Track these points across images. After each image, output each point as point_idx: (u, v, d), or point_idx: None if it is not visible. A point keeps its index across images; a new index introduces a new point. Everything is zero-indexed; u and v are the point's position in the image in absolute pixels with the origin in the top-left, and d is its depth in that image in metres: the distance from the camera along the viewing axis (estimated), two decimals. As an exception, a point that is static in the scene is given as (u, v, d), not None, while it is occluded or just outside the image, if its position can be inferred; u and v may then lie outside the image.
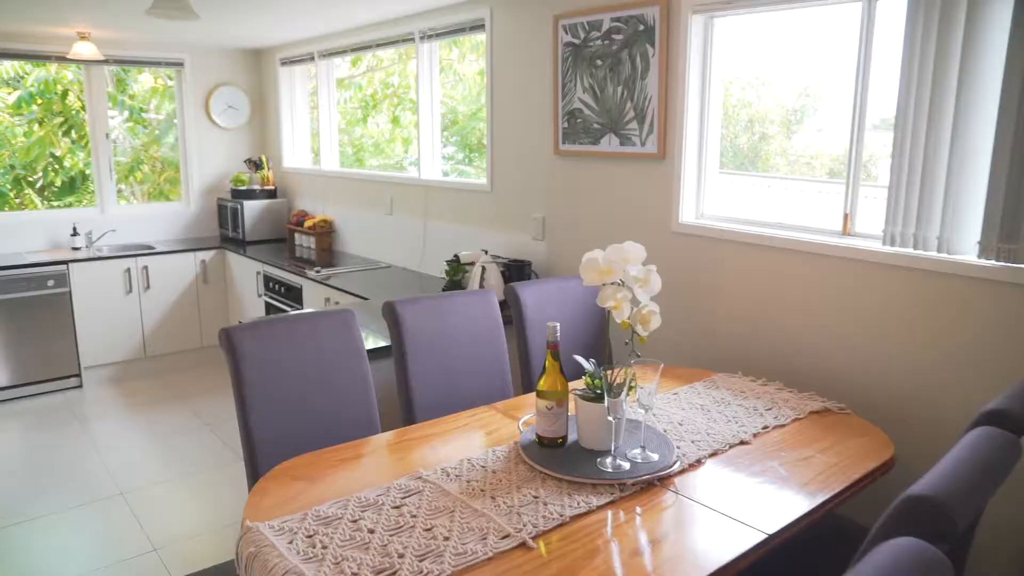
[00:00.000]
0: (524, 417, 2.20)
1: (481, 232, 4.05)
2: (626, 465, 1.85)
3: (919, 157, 2.22)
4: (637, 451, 1.91)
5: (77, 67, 5.83)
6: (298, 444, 2.14)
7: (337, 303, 4.11)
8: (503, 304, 2.81)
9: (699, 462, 1.94)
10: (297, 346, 2.22)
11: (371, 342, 2.90)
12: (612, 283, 1.72)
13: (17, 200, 6.79)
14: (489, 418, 2.24)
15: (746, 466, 1.91)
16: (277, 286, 4.86)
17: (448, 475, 1.83)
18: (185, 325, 5.62)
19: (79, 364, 5.20)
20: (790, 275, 2.68)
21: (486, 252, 3.61)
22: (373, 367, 2.55)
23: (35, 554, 3.21)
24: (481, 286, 3.45)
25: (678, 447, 2.00)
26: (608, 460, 1.85)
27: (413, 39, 4.40)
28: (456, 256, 3.63)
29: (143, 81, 7.05)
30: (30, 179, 6.77)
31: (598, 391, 1.88)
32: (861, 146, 2.52)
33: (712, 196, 3.08)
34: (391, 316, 2.45)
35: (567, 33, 3.39)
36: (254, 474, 2.10)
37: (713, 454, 1.98)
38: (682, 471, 1.88)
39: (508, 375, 2.68)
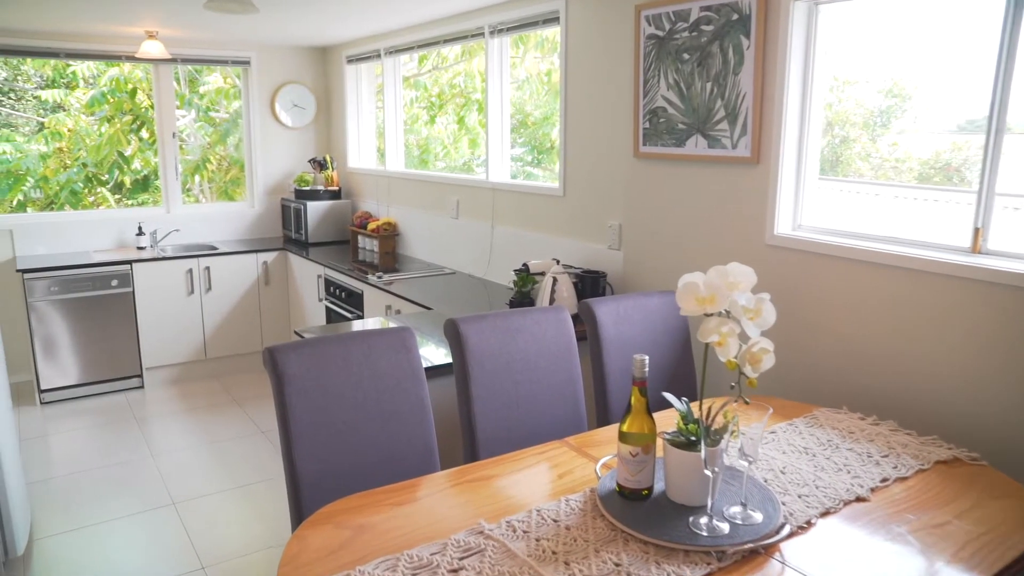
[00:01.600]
0: (603, 459, 1.93)
1: (552, 239, 3.79)
2: (724, 527, 1.56)
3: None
4: (737, 509, 1.63)
5: (146, 66, 5.80)
6: (347, 480, 1.92)
7: (399, 311, 3.91)
8: (575, 318, 2.55)
9: (809, 524, 1.64)
10: (349, 368, 2.00)
11: (431, 349, 2.68)
12: (715, 314, 1.44)
13: (91, 198, 6.86)
14: (561, 456, 1.99)
15: (867, 531, 1.61)
16: (338, 291, 4.70)
17: (514, 530, 1.58)
18: (246, 328, 5.52)
19: (141, 365, 5.15)
20: (906, 298, 2.34)
21: (557, 262, 3.35)
22: (432, 385, 2.32)
23: (83, 567, 3.10)
24: (552, 299, 3.19)
25: (783, 503, 1.70)
26: (703, 520, 1.57)
27: (482, 34, 4.17)
28: (525, 265, 3.38)
29: (213, 81, 7.04)
30: (101, 177, 6.82)
31: (692, 437, 1.60)
32: (999, 150, 2.16)
33: (811, 205, 2.76)
34: (454, 336, 2.21)
35: (650, 24, 3.10)
36: (297, 513, 1.89)
37: (825, 513, 1.68)
38: (790, 535, 1.58)
39: (582, 402, 2.42)
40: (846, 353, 2.53)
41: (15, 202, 6.60)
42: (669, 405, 1.72)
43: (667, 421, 2.04)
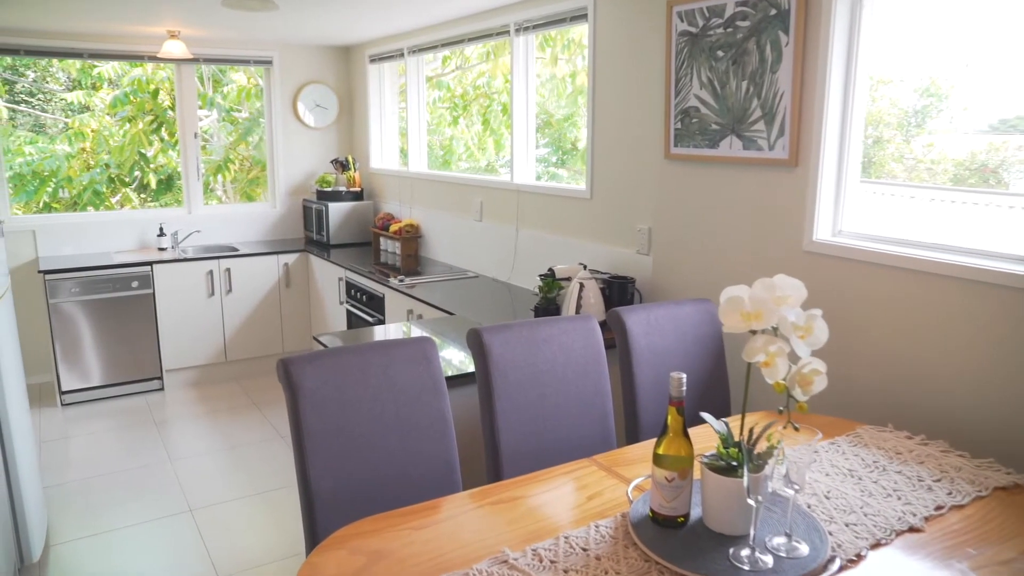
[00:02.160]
0: (635, 481, 1.82)
1: (578, 243, 3.68)
2: (768, 560, 1.44)
3: None
4: (781, 540, 1.51)
5: (169, 66, 5.77)
6: (364, 498, 1.82)
7: (420, 316, 3.81)
8: (602, 324, 2.43)
9: (859, 557, 1.51)
10: (367, 381, 1.90)
11: (453, 356, 2.58)
12: (762, 331, 1.33)
13: (116, 199, 6.85)
14: (589, 476, 1.87)
15: (925, 567, 1.48)
16: (359, 294, 4.62)
17: (540, 559, 1.47)
18: (266, 330, 5.46)
19: (161, 367, 5.11)
20: (957, 309, 2.20)
21: (584, 267, 3.24)
22: (454, 395, 2.22)
23: (98, 575, 3.05)
24: (578, 305, 3.08)
25: (830, 532, 1.58)
26: (745, 552, 1.46)
27: (508, 32, 4.07)
28: (551, 270, 3.27)
29: (237, 80, 7.01)
30: (123, 177, 6.81)
31: (733, 462, 1.49)
32: (1062, 153, 2.02)
33: (852, 210, 2.63)
34: (477, 346, 2.11)
35: (683, 21, 2.98)
36: (312, 531, 1.80)
37: (876, 545, 1.56)
38: (840, 569, 1.46)
39: (611, 417, 2.30)
40: (891, 368, 2.39)
41: (40, 203, 6.61)
42: (703, 420, 1.61)
43: (703, 437, 1.92)
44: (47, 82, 7.01)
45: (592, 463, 1.95)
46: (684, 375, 1.49)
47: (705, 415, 1.59)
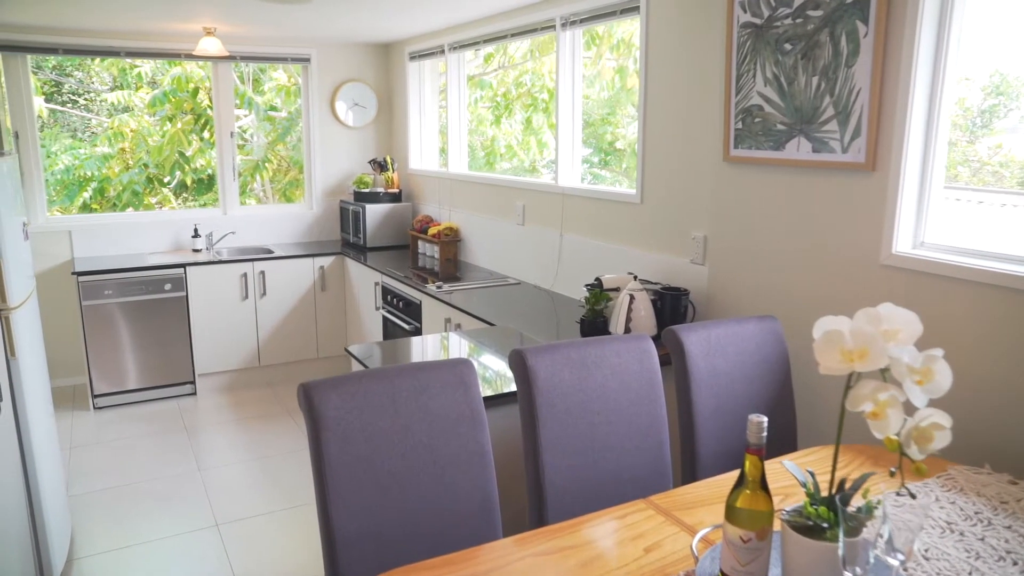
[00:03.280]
0: (701, 532, 1.59)
1: (627, 251, 3.45)
2: (867, 643, 1.21)
3: None
4: (880, 617, 1.27)
5: (207, 64, 5.67)
6: (392, 542, 1.63)
7: (459, 325, 3.62)
8: (654, 339, 2.20)
9: (975, 637, 1.27)
10: (397, 409, 1.71)
11: (491, 371, 2.37)
12: (865, 373, 1.10)
13: (154, 199, 6.80)
14: (647, 521, 1.65)
15: (1056, 654, 1.23)
16: (396, 299, 4.45)
17: (594, 632, 1.26)
18: (301, 335, 5.32)
19: (194, 371, 5.00)
20: (1067, 335, 1.93)
21: (635, 277, 3.01)
22: (491, 415, 2.02)
23: (117, 598, 2.91)
24: (628, 318, 2.86)
25: (936, 605, 1.34)
26: (839, 633, 1.23)
27: (553, 27, 3.85)
28: (598, 280, 3.04)
29: (277, 79, 6.91)
30: (161, 177, 6.75)
31: (823, 523, 1.26)
32: None
33: (936, 220, 2.36)
34: (521, 369, 1.90)
35: (745, 11, 2.73)
36: (334, 580, 1.61)
37: (992, 621, 1.31)
38: (953, 655, 1.22)
39: (666, 447, 2.08)
40: (983, 399, 2.12)
41: (79, 204, 6.59)
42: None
43: (774, 474, 1.69)
44: (92, 82, 7.00)
45: (648, 505, 1.73)
46: (765, 419, 1.26)
47: (787, 463, 1.36)
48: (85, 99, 7.07)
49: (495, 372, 2.59)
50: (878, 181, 2.37)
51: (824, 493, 1.31)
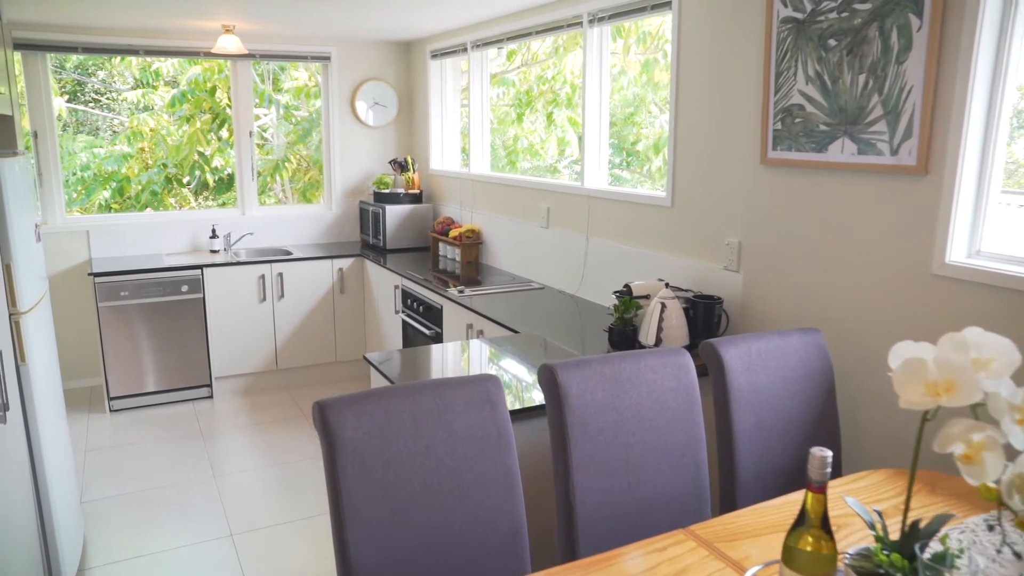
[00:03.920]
0: (752, 570, 1.46)
1: (657, 256, 3.31)
2: None
3: None
4: (959, 677, 1.13)
5: (225, 62, 5.60)
6: (412, 574, 1.51)
7: (481, 332, 3.50)
8: (687, 349, 2.07)
9: None
10: (418, 429, 1.59)
11: (515, 383, 2.25)
12: (956, 409, 0.96)
13: (173, 199, 6.75)
14: (688, 556, 1.52)
15: None
16: (416, 303, 4.34)
17: None
18: (319, 338, 5.23)
19: (210, 374, 4.92)
20: None
21: (666, 284, 2.88)
22: (517, 430, 1.90)
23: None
24: (659, 328, 2.72)
25: (1017, 660, 1.20)
26: None
27: (580, 23, 3.72)
28: (627, 287, 2.91)
29: (297, 77, 6.83)
30: (180, 177, 6.70)
31: (897, 572, 1.12)
32: None
33: (993, 227, 2.21)
34: (551, 386, 1.78)
35: (786, 5, 2.59)
36: (350, 615, 1.49)
37: None
38: None
39: (704, 468, 1.94)
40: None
41: (98, 203, 6.55)
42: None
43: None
44: (114, 81, 6.96)
45: (689, 536, 1.60)
46: (829, 453, 1.13)
47: (850, 501, 1.23)
48: (108, 98, 7.04)
49: (521, 383, 2.47)
50: (931, 185, 2.22)
51: (890, 532, 1.18)
